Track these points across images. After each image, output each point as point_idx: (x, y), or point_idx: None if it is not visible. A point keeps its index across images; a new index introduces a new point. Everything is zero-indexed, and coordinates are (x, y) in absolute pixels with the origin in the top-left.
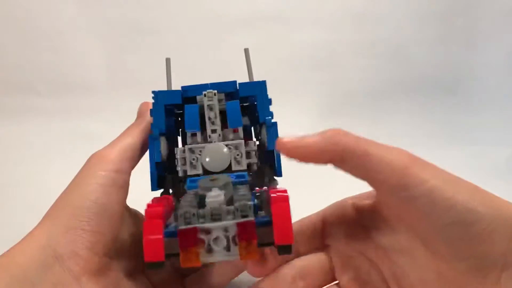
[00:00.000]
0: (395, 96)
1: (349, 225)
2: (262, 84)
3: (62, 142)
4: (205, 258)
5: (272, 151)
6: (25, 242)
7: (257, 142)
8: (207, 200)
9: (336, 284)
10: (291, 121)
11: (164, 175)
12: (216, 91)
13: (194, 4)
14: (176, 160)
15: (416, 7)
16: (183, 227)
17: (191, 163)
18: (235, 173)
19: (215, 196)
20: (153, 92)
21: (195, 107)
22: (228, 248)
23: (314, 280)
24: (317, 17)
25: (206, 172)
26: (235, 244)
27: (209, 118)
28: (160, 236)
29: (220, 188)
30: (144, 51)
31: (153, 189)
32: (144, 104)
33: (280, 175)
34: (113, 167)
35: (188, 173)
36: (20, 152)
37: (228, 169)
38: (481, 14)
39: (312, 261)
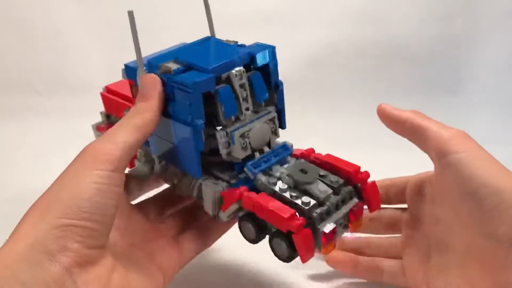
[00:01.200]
0: (395, 96)
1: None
2: (274, 49)
3: (62, 142)
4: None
5: (280, 110)
6: (12, 241)
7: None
8: (321, 196)
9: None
10: (291, 120)
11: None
12: (243, 68)
13: (194, 4)
14: (218, 144)
15: (416, 7)
16: (328, 228)
17: (242, 147)
18: (280, 147)
19: (325, 191)
20: (194, 83)
21: (228, 90)
22: (345, 226)
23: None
24: (317, 16)
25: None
26: (349, 221)
27: (243, 97)
28: (313, 243)
29: (317, 180)
30: (144, 51)
31: (199, 176)
32: (149, 78)
33: (285, 127)
34: (111, 167)
35: (240, 157)
36: (20, 152)
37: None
38: (481, 14)
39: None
